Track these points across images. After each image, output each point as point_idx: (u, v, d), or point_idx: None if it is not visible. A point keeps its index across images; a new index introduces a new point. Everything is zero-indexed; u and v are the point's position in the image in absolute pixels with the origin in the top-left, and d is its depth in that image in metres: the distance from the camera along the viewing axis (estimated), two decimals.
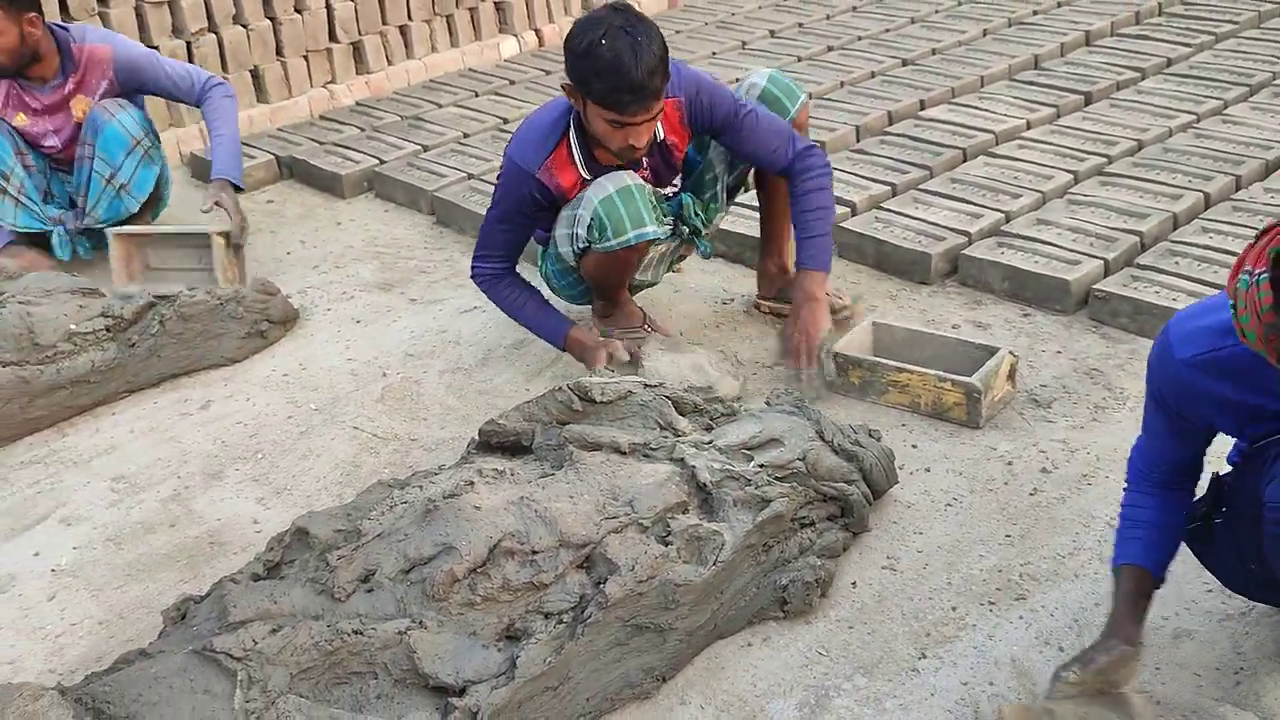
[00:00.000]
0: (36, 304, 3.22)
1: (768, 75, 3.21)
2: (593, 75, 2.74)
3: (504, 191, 3.06)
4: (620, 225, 2.92)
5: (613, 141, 2.86)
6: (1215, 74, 4.84)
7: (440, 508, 2.18)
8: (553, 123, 3.01)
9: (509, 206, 3.07)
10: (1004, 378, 2.91)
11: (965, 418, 2.85)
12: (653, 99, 2.78)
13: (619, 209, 2.92)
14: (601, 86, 2.74)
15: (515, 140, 3.06)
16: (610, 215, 2.92)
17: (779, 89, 3.18)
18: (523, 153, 3.00)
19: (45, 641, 2.39)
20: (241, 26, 5.20)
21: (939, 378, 2.88)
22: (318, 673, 2.00)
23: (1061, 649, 2.18)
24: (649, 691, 2.15)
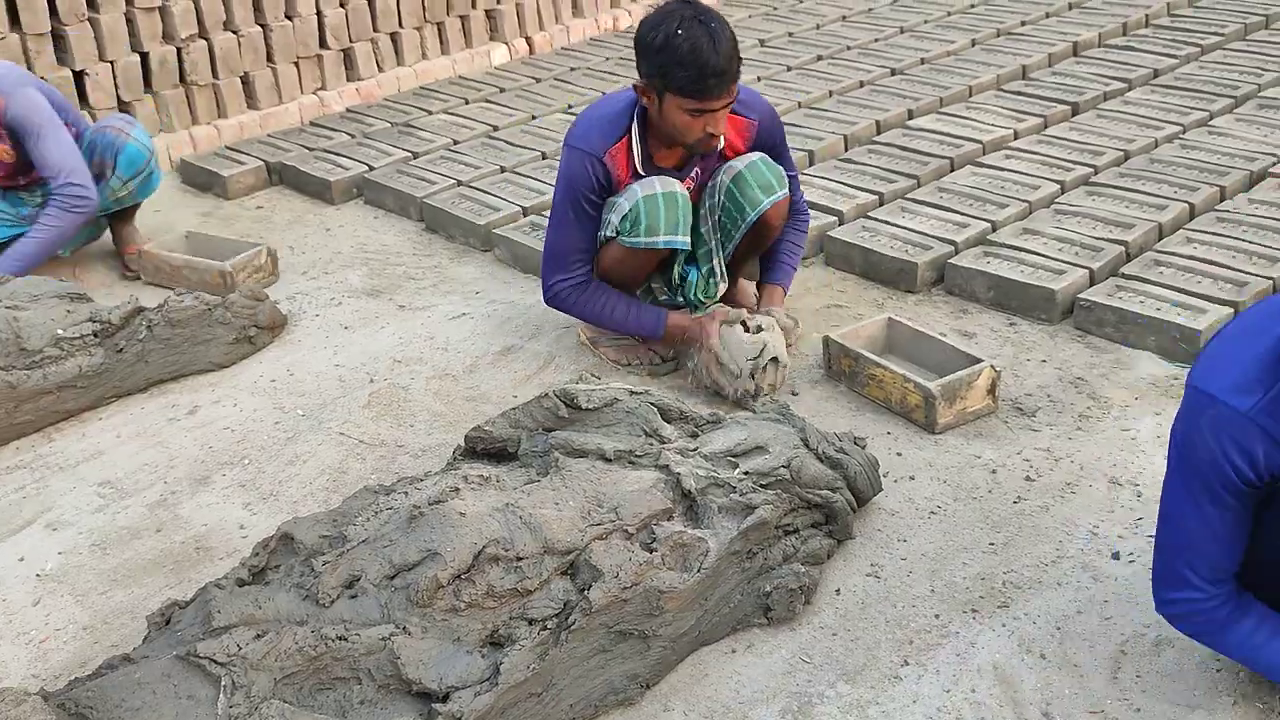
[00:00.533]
0: (24, 309, 3.22)
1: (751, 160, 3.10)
2: (674, 65, 2.79)
3: (569, 182, 3.04)
4: (655, 225, 2.97)
5: (691, 133, 2.90)
6: (1201, 85, 4.87)
7: (425, 514, 2.18)
8: (617, 115, 3.05)
9: (576, 197, 3.04)
10: (982, 391, 2.92)
11: (924, 420, 2.89)
12: (733, 83, 2.85)
13: (659, 209, 2.97)
14: (684, 75, 2.79)
15: (577, 131, 3.08)
16: (650, 212, 2.96)
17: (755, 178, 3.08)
18: (587, 139, 3.03)
19: (29, 647, 2.38)
20: (232, 33, 5.20)
21: (905, 378, 2.92)
22: (302, 678, 2.00)
23: (1044, 656, 2.19)
24: (632, 698, 2.15)
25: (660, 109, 2.91)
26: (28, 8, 4.63)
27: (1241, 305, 3.17)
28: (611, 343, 3.28)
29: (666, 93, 2.85)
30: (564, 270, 3.12)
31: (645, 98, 2.94)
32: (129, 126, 3.96)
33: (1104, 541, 2.48)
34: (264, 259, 3.90)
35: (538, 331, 3.48)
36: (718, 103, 2.85)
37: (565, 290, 3.14)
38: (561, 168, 3.09)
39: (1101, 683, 2.12)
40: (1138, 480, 2.66)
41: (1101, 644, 2.21)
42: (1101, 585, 2.35)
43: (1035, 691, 2.12)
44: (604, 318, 3.16)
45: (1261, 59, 5.17)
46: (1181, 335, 3.10)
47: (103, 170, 3.91)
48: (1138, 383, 3.04)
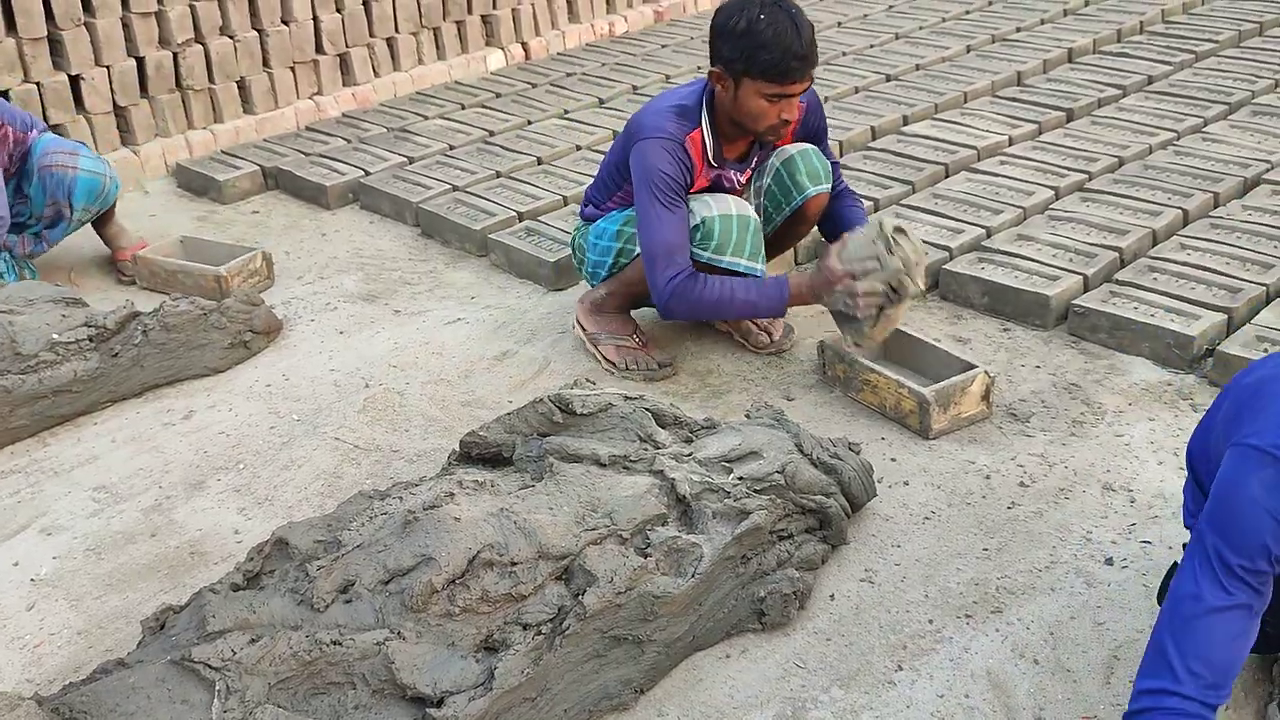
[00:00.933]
0: (19, 313, 3.22)
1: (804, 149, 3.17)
2: (758, 49, 2.82)
3: (657, 173, 2.96)
4: (725, 246, 3.00)
5: (765, 118, 2.93)
6: (1195, 92, 4.89)
7: (420, 519, 2.18)
8: (688, 106, 3.05)
9: (674, 183, 2.97)
10: (976, 396, 2.93)
11: (918, 426, 2.90)
12: (812, 68, 2.90)
13: (734, 233, 3.00)
14: (768, 58, 2.82)
15: (649, 122, 3.02)
16: (725, 232, 2.99)
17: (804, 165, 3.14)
18: (664, 128, 2.99)
19: (23, 651, 2.38)
20: (229, 38, 5.20)
21: (899, 384, 2.92)
22: (296, 683, 2.00)
23: (1037, 661, 2.19)
24: (627, 703, 2.15)
25: (736, 95, 2.92)
26: (23, 12, 4.62)
27: (1235, 311, 3.18)
28: (611, 341, 3.28)
29: (746, 77, 2.88)
30: (674, 266, 2.97)
31: (720, 84, 2.94)
32: (72, 158, 3.85)
33: (1097, 547, 2.48)
34: (259, 263, 3.90)
35: (533, 336, 3.49)
36: (797, 87, 2.89)
37: (682, 285, 2.96)
38: (642, 162, 2.99)
39: (1094, 688, 2.13)
40: (1131, 486, 2.67)
41: (1095, 649, 2.21)
42: (1095, 591, 2.36)
43: (1028, 696, 2.12)
44: (728, 305, 3.00)
45: (1255, 66, 5.19)
46: (1175, 341, 3.11)
47: (59, 211, 3.88)
48: (1132, 389, 3.05)
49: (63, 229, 3.96)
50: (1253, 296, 3.24)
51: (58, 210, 3.89)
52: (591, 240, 3.26)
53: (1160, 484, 2.66)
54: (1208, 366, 3.07)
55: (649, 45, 6.28)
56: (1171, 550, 2.44)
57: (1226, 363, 2.99)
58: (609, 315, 3.30)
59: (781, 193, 3.16)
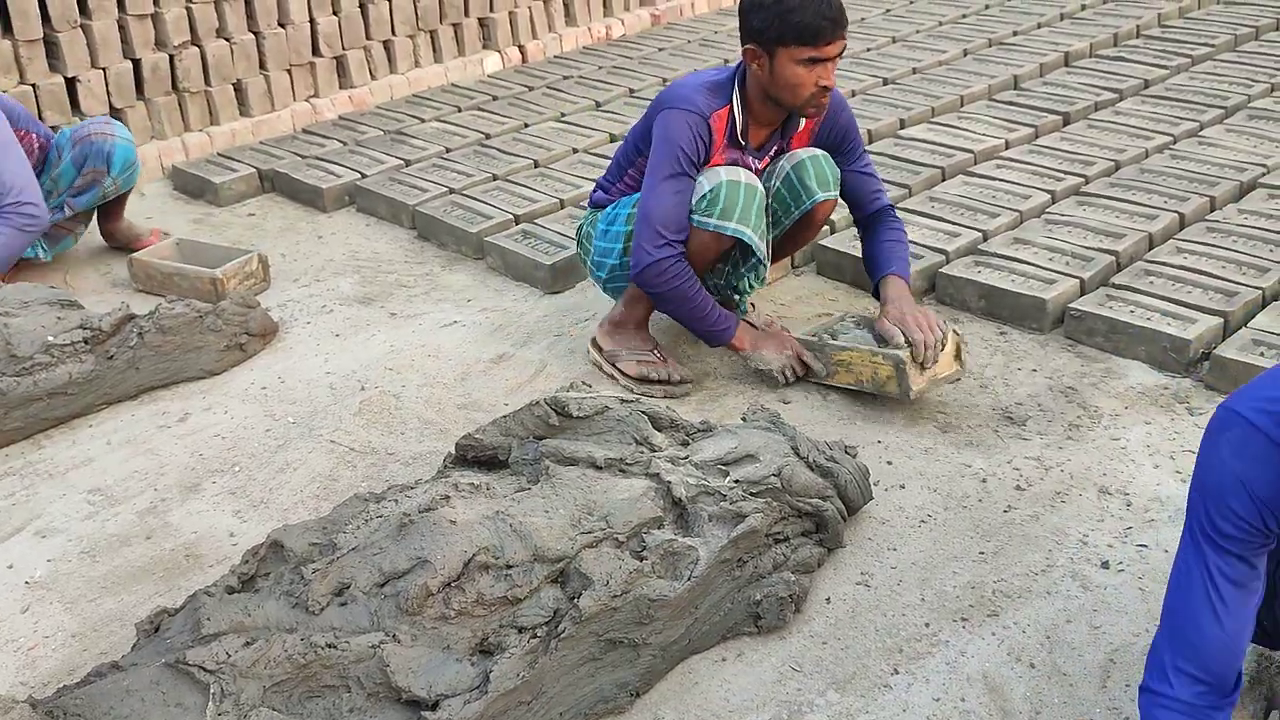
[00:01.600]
0: (14, 315, 3.22)
1: (815, 153, 3.14)
2: (788, 13, 2.83)
3: (675, 143, 2.96)
4: (731, 210, 2.96)
5: (804, 88, 2.91)
6: (1191, 96, 4.90)
7: (415, 522, 2.18)
8: (720, 83, 3.05)
9: (688, 156, 2.97)
10: (950, 356, 2.97)
11: (897, 390, 2.92)
12: (844, 28, 2.89)
13: (740, 197, 2.96)
14: (800, 20, 2.82)
15: (679, 94, 3.03)
16: (730, 197, 2.95)
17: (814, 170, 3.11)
18: (692, 101, 3.00)
19: (17, 654, 2.37)
20: (225, 40, 5.20)
21: (871, 352, 2.94)
22: (291, 686, 1.99)
23: (1033, 665, 2.19)
24: (622, 706, 2.15)
25: (772, 68, 2.91)
26: (20, 14, 4.62)
27: (1231, 315, 3.19)
28: (631, 356, 3.20)
29: (780, 46, 2.87)
30: (666, 240, 2.97)
31: (756, 61, 2.93)
32: (108, 127, 4.01)
33: (1093, 550, 2.48)
34: (255, 266, 3.89)
35: (529, 339, 3.48)
36: (832, 48, 2.88)
37: (671, 261, 2.97)
38: (663, 131, 3.00)
39: (1090, 691, 2.13)
40: (1127, 489, 2.67)
41: (1091, 653, 2.21)
42: (1091, 594, 2.36)
43: (1024, 700, 2.12)
44: (690, 304, 3.02)
45: (1251, 70, 5.20)
46: (1172, 345, 3.11)
47: (97, 178, 3.97)
48: (1128, 392, 3.05)
49: (92, 196, 4.01)
50: (1249, 300, 3.25)
51: (94, 179, 3.98)
52: (601, 227, 3.24)
53: (1156, 487, 2.66)
54: (1204, 370, 3.07)
55: (646, 49, 6.28)
56: (1168, 554, 2.44)
57: (1223, 366, 2.99)
58: (629, 332, 3.23)
59: (791, 196, 3.15)
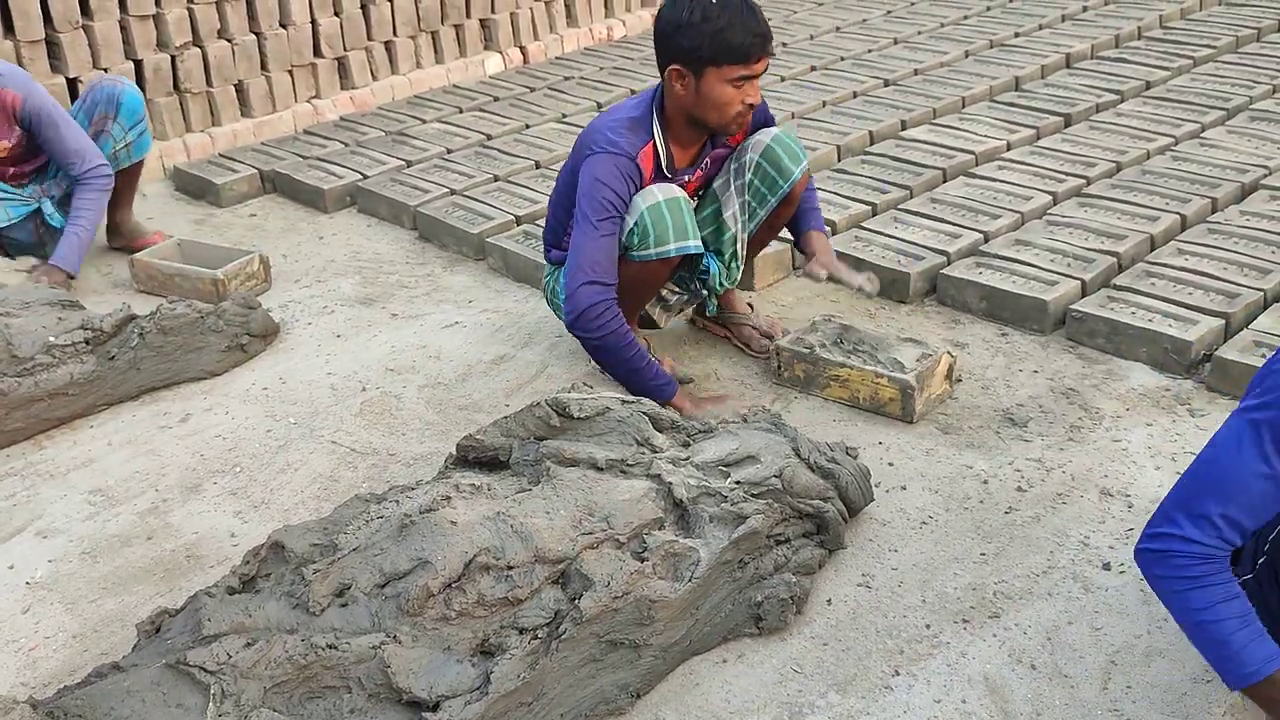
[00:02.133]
0: (15, 315, 3.21)
1: (774, 134, 3.14)
2: (719, 33, 2.82)
3: (606, 188, 2.92)
4: (664, 235, 2.93)
5: (731, 107, 2.91)
6: (1193, 98, 4.90)
7: (416, 522, 2.18)
8: (638, 118, 3.01)
9: (618, 203, 2.93)
10: (940, 377, 2.98)
11: (900, 413, 2.93)
12: (771, 42, 2.90)
13: (665, 218, 2.92)
14: (732, 39, 2.82)
15: (602, 138, 2.98)
16: (656, 223, 2.92)
17: (783, 150, 3.12)
18: (617, 143, 2.96)
19: (18, 654, 2.37)
20: (226, 41, 5.20)
21: (875, 374, 2.93)
22: (291, 687, 1.99)
23: (1034, 667, 2.19)
24: (623, 707, 2.15)
25: (698, 88, 2.89)
26: (22, 15, 4.62)
27: (1233, 317, 3.18)
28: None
29: (710, 66, 2.86)
30: (598, 287, 2.90)
31: (680, 82, 2.90)
32: (118, 79, 4.11)
33: (1095, 552, 2.48)
34: (256, 266, 3.89)
35: (530, 340, 3.48)
36: (761, 65, 2.89)
37: (604, 308, 2.90)
38: (590, 176, 2.94)
39: (1092, 693, 2.12)
40: (1129, 491, 2.67)
41: (1092, 655, 2.21)
42: (1092, 596, 2.36)
43: (1026, 702, 2.12)
44: (626, 352, 2.95)
45: (1253, 71, 5.20)
46: (1173, 346, 3.10)
47: (104, 124, 4.06)
48: (1129, 394, 3.04)
49: (105, 151, 4.03)
50: (1250, 302, 3.24)
51: (102, 125, 4.05)
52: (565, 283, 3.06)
53: (1158, 489, 2.66)
54: (1205, 371, 3.07)
55: (646, 50, 6.28)
56: None
57: (1224, 368, 2.99)
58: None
59: (766, 184, 3.12)
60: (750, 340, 3.34)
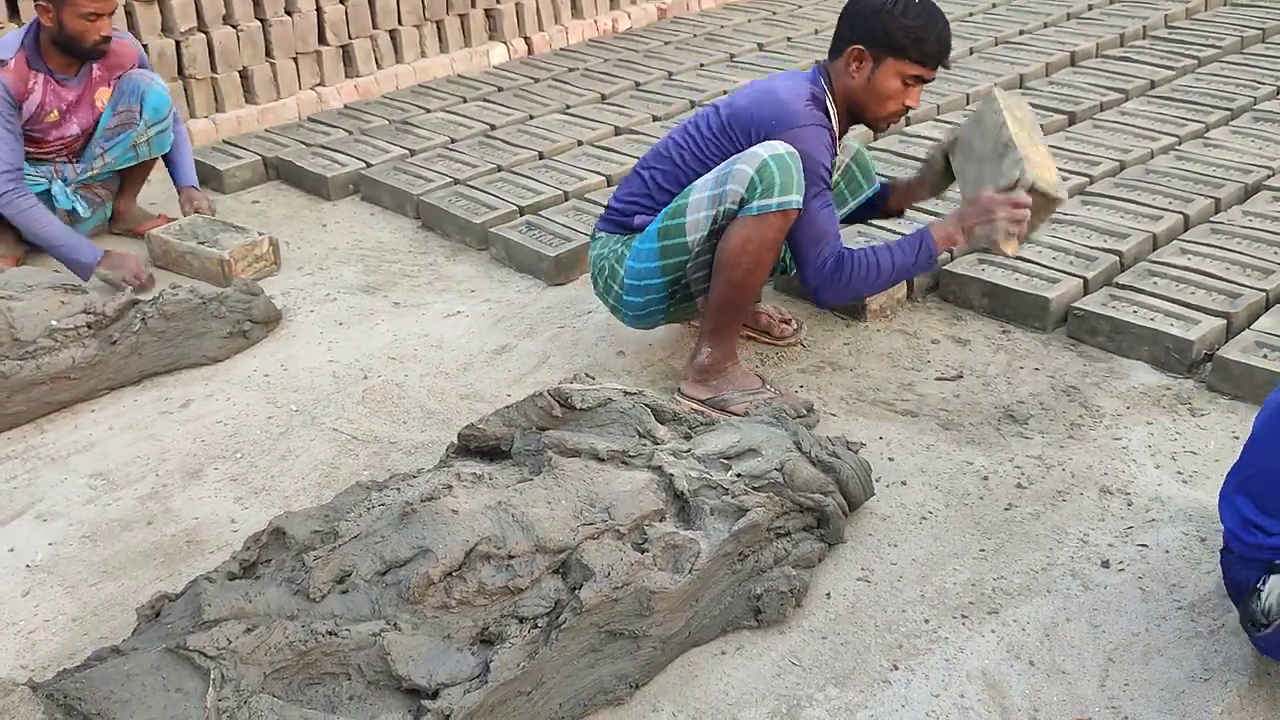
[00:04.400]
0: (17, 299, 3.21)
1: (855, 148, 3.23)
2: (911, 29, 2.86)
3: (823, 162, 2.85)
4: (789, 184, 2.74)
5: (893, 102, 2.94)
6: (1197, 97, 4.89)
7: (417, 511, 2.18)
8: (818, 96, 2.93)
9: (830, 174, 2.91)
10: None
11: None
12: (948, 60, 2.97)
13: (791, 169, 2.75)
14: (925, 38, 2.87)
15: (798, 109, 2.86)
16: (782, 170, 2.73)
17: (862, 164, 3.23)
18: (819, 115, 2.89)
19: (18, 637, 2.38)
20: (231, 27, 5.20)
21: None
22: (291, 673, 2.00)
23: (1032, 663, 2.19)
24: (622, 698, 2.15)
25: (873, 74, 2.91)
26: None
27: (1234, 317, 3.19)
28: (746, 397, 2.95)
29: (892, 57, 2.88)
30: (821, 255, 2.86)
31: (856, 63, 2.91)
32: (149, 75, 4.13)
33: (1094, 549, 2.48)
34: (265, 248, 3.90)
35: (532, 330, 3.48)
36: (933, 73, 2.94)
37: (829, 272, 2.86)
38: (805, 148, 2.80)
39: (1090, 690, 2.13)
40: (1128, 489, 2.67)
41: (1090, 651, 2.21)
42: (1091, 593, 2.36)
43: (1023, 698, 2.12)
44: (878, 278, 2.89)
45: (1258, 72, 5.19)
46: (1175, 346, 3.11)
47: (130, 117, 4.09)
48: (1130, 392, 3.05)
49: (123, 146, 4.10)
50: (1252, 302, 3.24)
51: (128, 118, 4.08)
52: (637, 246, 2.97)
53: (1158, 488, 2.66)
54: (1206, 371, 3.07)
55: (652, 42, 6.28)
56: (1169, 553, 2.45)
57: (1225, 368, 2.99)
58: (728, 372, 2.98)
59: (853, 186, 3.26)
60: (770, 328, 3.33)
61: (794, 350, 3.31)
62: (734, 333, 2.99)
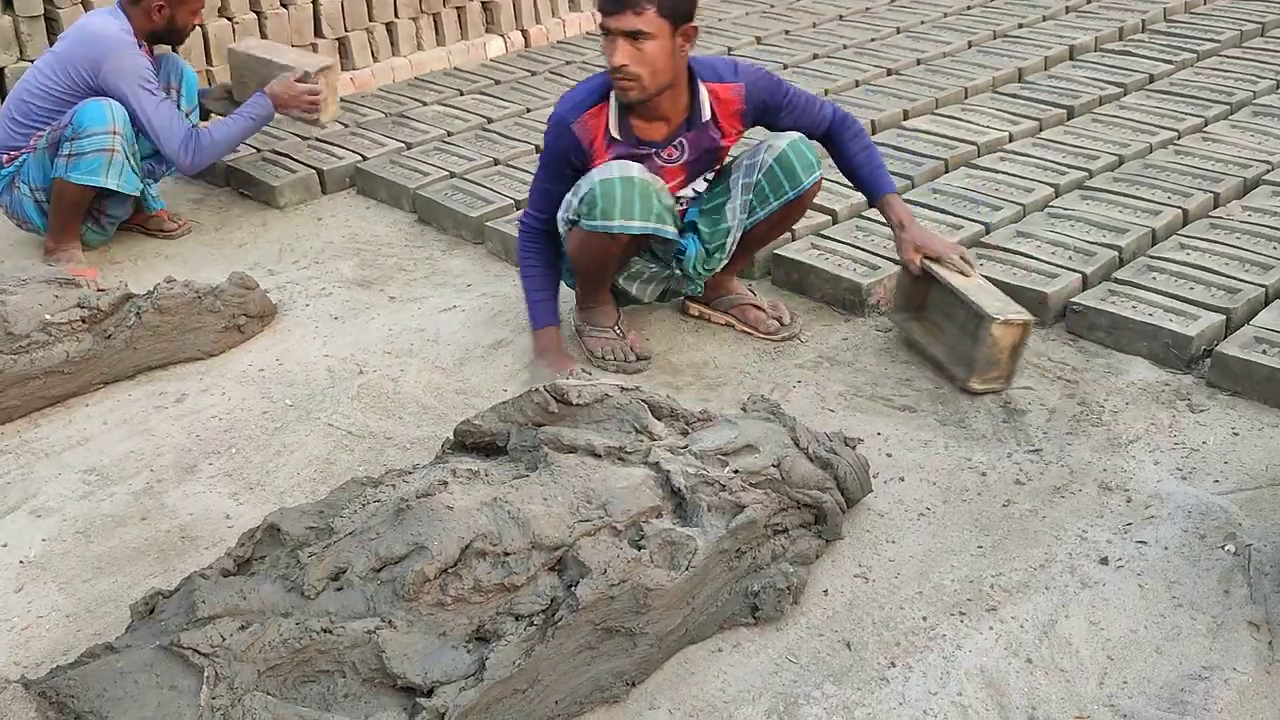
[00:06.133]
0: (11, 293, 3.20)
1: (792, 139, 3.13)
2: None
3: (547, 145, 3.15)
4: (610, 210, 2.95)
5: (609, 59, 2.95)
6: (1196, 91, 4.88)
7: (413, 507, 2.17)
8: (600, 84, 3.08)
9: (550, 159, 3.13)
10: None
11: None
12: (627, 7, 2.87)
13: (616, 194, 2.95)
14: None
15: (562, 98, 3.15)
16: (606, 196, 2.95)
17: (797, 157, 3.12)
18: (565, 106, 3.10)
19: (11, 634, 2.36)
20: (227, 19, 5.18)
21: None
22: (285, 670, 1.98)
23: (1030, 660, 2.18)
24: (618, 695, 2.14)
25: None
26: None
27: (1234, 312, 3.18)
28: (593, 332, 3.28)
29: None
30: (530, 213, 3.22)
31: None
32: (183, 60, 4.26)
33: (1093, 546, 2.47)
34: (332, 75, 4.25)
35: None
36: (609, 21, 2.90)
37: (523, 226, 3.24)
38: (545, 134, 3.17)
39: (1088, 687, 2.12)
40: (1127, 486, 2.66)
41: (1089, 649, 2.21)
42: (1090, 590, 2.35)
43: (1022, 695, 2.11)
44: (521, 270, 3.27)
45: (1257, 66, 5.18)
46: (1174, 341, 3.10)
47: (169, 94, 4.14)
48: (1129, 388, 3.04)
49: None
50: (1251, 297, 3.23)
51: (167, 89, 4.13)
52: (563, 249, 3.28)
53: (1156, 484, 2.66)
54: (1205, 367, 3.06)
55: None
56: (1167, 550, 2.44)
57: (1225, 364, 2.98)
58: (591, 308, 3.31)
59: (773, 187, 3.13)
60: (759, 322, 3.33)
61: (791, 345, 3.30)
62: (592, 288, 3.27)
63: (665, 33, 2.90)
